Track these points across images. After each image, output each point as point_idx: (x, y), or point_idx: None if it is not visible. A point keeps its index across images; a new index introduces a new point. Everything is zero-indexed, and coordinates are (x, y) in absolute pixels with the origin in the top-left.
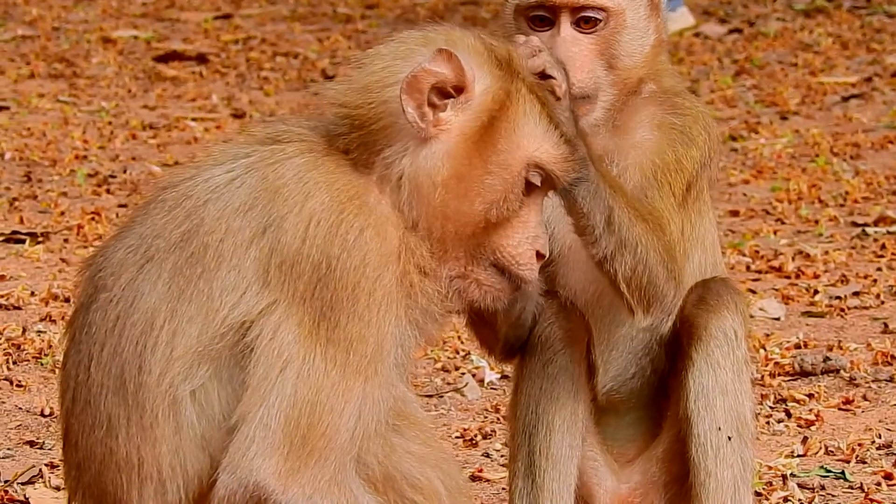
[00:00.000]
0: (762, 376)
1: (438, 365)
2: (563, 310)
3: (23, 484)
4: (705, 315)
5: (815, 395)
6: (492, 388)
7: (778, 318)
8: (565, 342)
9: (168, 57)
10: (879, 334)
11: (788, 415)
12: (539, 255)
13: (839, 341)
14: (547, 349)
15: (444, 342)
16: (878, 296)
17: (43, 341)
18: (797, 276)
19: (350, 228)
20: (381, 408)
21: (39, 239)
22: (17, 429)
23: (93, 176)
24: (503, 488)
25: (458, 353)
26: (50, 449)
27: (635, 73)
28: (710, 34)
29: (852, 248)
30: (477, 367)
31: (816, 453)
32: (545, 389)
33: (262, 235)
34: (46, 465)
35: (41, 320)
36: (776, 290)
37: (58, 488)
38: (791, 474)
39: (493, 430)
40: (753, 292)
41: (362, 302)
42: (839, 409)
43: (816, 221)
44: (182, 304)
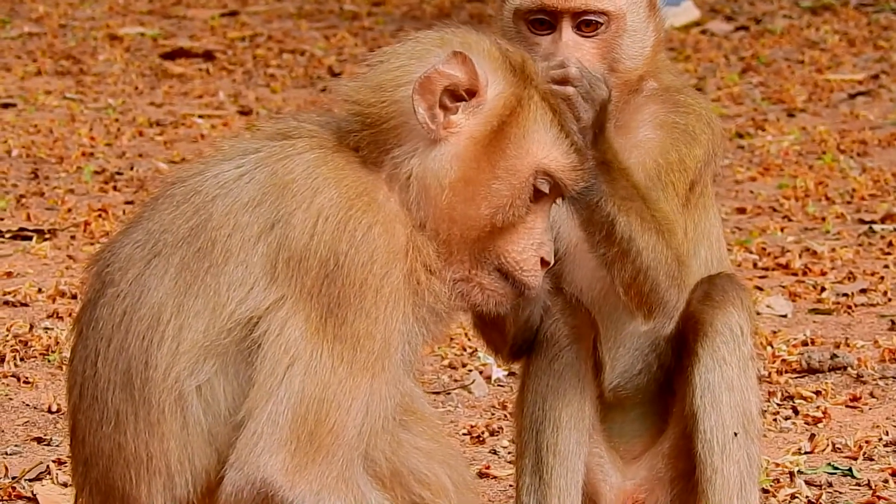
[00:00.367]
0: (769, 373)
1: (445, 362)
2: (569, 307)
3: (30, 480)
4: (711, 311)
5: (823, 393)
6: (499, 385)
7: (785, 316)
8: (571, 339)
9: (175, 54)
10: (886, 331)
11: (796, 412)
12: (544, 263)
13: (846, 338)
14: (553, 346)
15: (452, 339)
16: (885, 293)
17: (50, 338)
18: (804, 274)
19: (358, 225)
20: (388, 404)
21: (46, 236)
22: (24, 425)
23: (100, 173)
24: (510, 485)
25: (465, 350)
26: (57, 445)
27: (636, 74)
28: (716, 31)
29: (859, 245)
30: (484, 364)
31: (824, 450)
32: (552, 386)
33: (271, 231)
34: (54, 461)
35: (48, 317)
36: (783, 287)
37: (65, 485)
38: (798, 471)
39: (501, 427)
40: (760, 289)
41: (370, 299)
42: (846, 406)
43: (823, 219)
44: (189, 299)
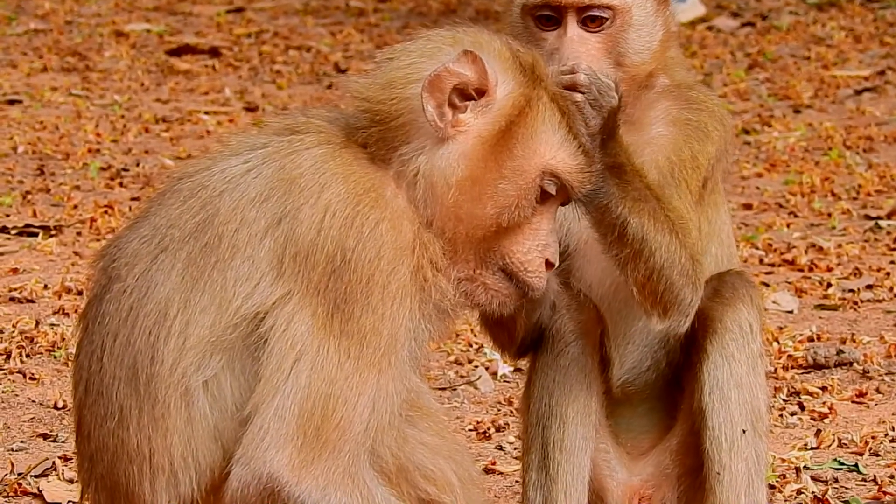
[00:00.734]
0: (775, 369)
1: (451, 358)
2: (576, 302)
3: (36, 476)
4: (720, 308)
5: (829, 388)
6: (505, 381)
7: (791, 311)
8: (578, 334)
9: (181, 50)
10: (892, 327)
11: (802, 407)
12: (548, 264)
13: (852, 334)
14: (559, 341)
15: (457, 335)
16: (891, 289)
17: (56, 334)
18: (810, 269)
19: (366, 221)
20: (394, 400)
21: (52, 232)
22: (30, 421)
23: (105, 169)
24: (516, 481)
25: (471, 345)
26: (63, 441)
27: (644, 69)
28: (722, 27)
29: (865, 241)
30: (490, 360)
31: (830, 446)
32: (558, 381)
33: (278, 226)
34: (60, 457)
35: (54, 313)
36: (789, 283)
37: (71, 481)
38: (804, 467)
39: (507, 423)
40: (766, 285)
41: (376, 294)
42: (852, 401)
43: (829, 214)
44: (196, 294)
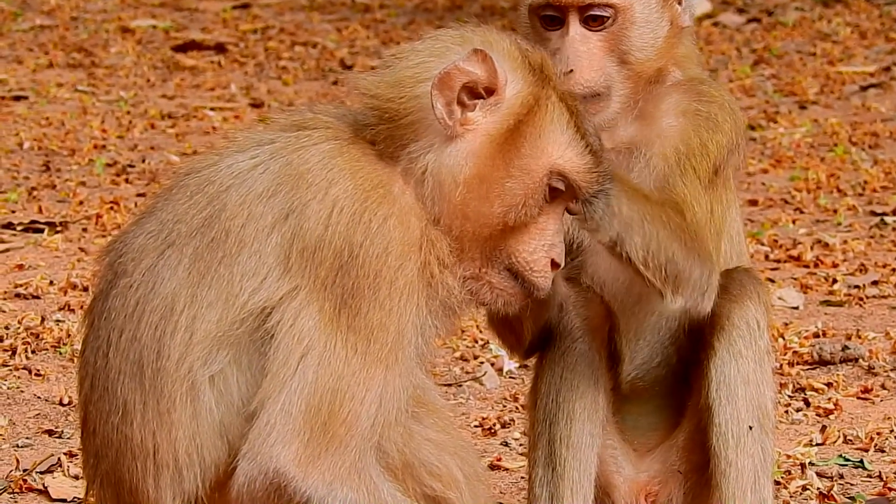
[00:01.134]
0: (781, 365)
1: (457, 354)
2: (584, 298)
3: (41, 473)
4: (728, 305)
5: (834, 384)
6: (510, 377)
7: (797, 307)
8: (585, 330)
9: (186, 46)
10: None
11: (807, 404)
12: (554, 265)
13: (858, 330)
14: (566, 338)
15: (463, 331)
16: None
17: (61, 330)
18: (816, 266)
19: (374, 216)
20: (401, 396)
21: (58, 228)
22: (35, 418)
23: (111, 165)
24: (522, 477)
25: (476, 342)
26: (69, 438)
27: (650, 66)
28: (728, 23)
29: (871, 237)
30: (495, 357)
31: (835, 442)
32: (565, 378)
33: (285, 221)
34: (65, 453)
35: (60, 309)
36: (795, 279)
37: (76, 477)
38: (810, 463)
39: (512, 419)
40: (772, 281)
41: (384, 290)
42: (858, 397)
43: (835, 211)
44: (202, 289)
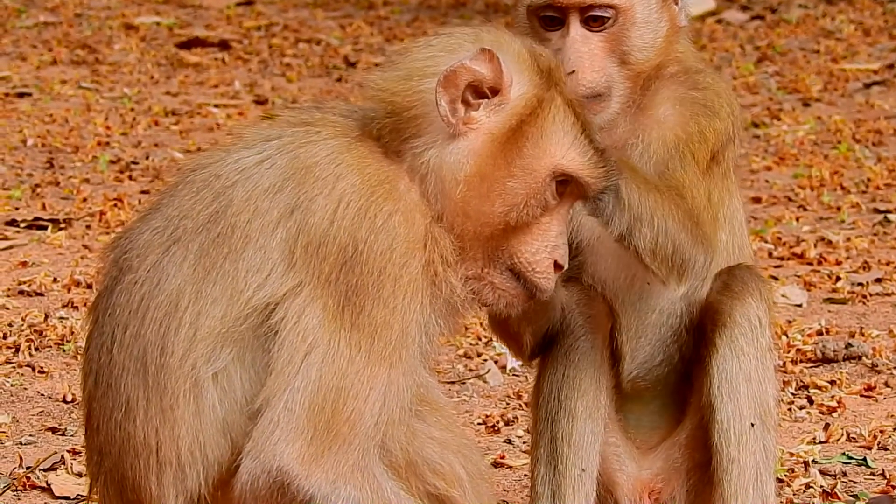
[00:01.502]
0: (784, 363)
1: (461, 351)
2: (586, 296)
3: (45, 470)
4: (730, 302)
5: (837, 382)
6: (514, 375)
7: (800, 305)
8: (588, 329)
9: (190, 43)
10: None
11: (810, 401)
12: (557, 266)
13: (861, 328)
14: (569, 336)
15: (467, 329)
16: None
17: (65, 328)
18: (819, 263)
19: (379, 212)
20: (405, 394)
21: (62, 225)
22: (39, 415)
23: (115, 162)
24: (525, 474)
25: (480, 339)
26: (72, 435)
27: (649, 66)
28: (732, 21)
29: (874, 234)
30: (499, 354)
31: (838, 440)
32: (567, 376)
33: (290, 216)
34: (68, 451)
35: (63, 307)
36: (798, 276)
37: (80, 474)
38: (813, 461)
39: (516, 417)
40: (776, 279)
41: (388, 287)
42: (861, 395)
43: (838, 208)
44: (207, 285)
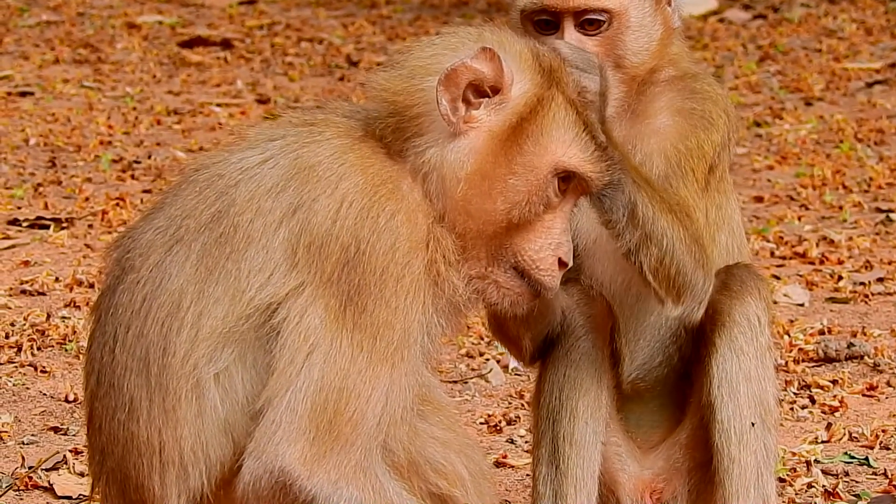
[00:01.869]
0: (786, 362)
1: (463, 351)
2: (586, 297)
3: (47, 470)
4: (729, 301)
5: (839, 382)
6: (516, 374)
7: (802, 304)
8: (588, 329)
9: (193, 42)
10: None
11: (812, 401)
12: (561, 263)
13: (863, 327)
14: (570, 336)
15: (469, 328)
16: None
17: (67, 327)
18: (821, 262)
19: (381, 212)
20: (407, 395)
21: (64, 224)
22: (41, 415)
23: (117, 161)
24: (527, 474)
25: (482, 339)
26: (74, 435)
27: (644, 68)
28: (734, 20)
29: (876, 234)
30: (501, 354)
31: (840, 439)
32: (569, 376)
33: (293, 216)
34: (71, 451)
35: (66, 306)
36: (800, 275)
37: (82, 474)
38: (815, 460)
39: (518, 416)
40: (778, 278)
41: (390, 287)
42: (863, 395)
43: (841, 207)
44: (209, 284)
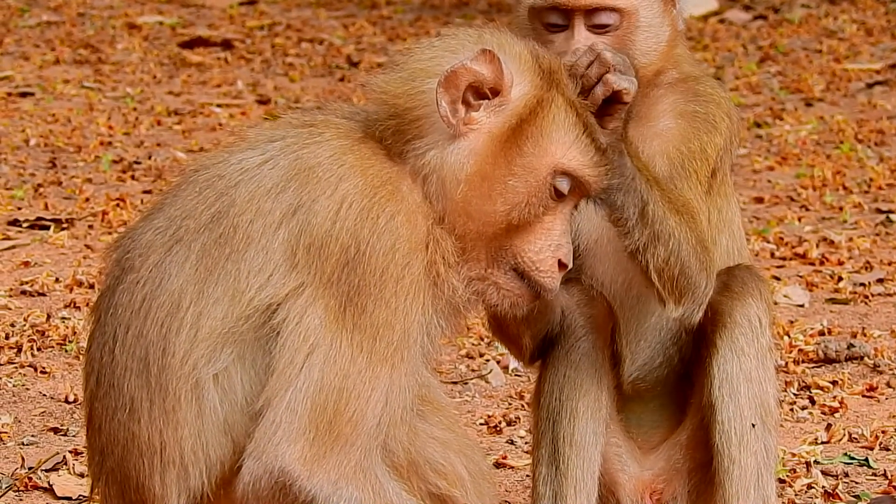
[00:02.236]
0: (786, 363)
1: (463, 352)
2: (587, 297)
3: (46, 471)
4: (730, 302)
5: (839, 382)
6: (516, 375)
7: (802, 305)
8: (589, 329)
9: (193, 43)
10: None
11: (812, 402)
12: (561, 265)
13: (863, 328)
14: (570, 336)
15: (469, 329)
16: None
17: (67, 328)
18: (821, 263)
19: (381, 213)
20: (407, 395)
21: (64, 225)
22: (41, 415)
23: (118, 162)
24: (527, 475)
25: (482, 339)
26: (74, 436)
27: (651, 69)
28: (734, 20)
29: (876, 234)
30: (501, 354)
31: (840, 440)
32: (569, 377)
33: (293, 216)
34: (70, 451)
35: (66, 307)
36: (800, 276)
37: (82, 475)
38: (814, 461)
39: (518, 417)
40: (778, 279)
41: (390, 288)
42: (863, 396)
43: (841, 208)
44: (209, 285)
